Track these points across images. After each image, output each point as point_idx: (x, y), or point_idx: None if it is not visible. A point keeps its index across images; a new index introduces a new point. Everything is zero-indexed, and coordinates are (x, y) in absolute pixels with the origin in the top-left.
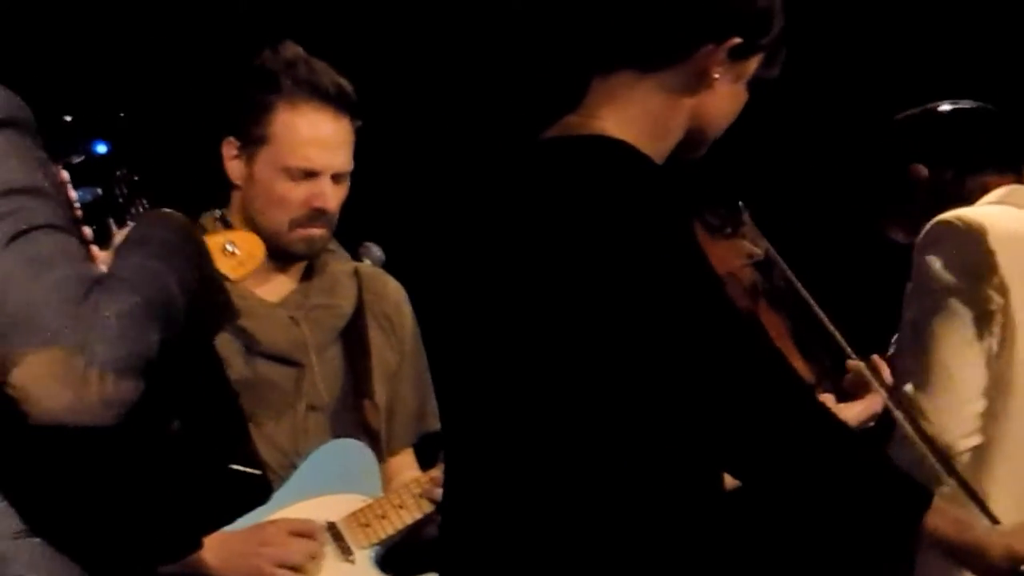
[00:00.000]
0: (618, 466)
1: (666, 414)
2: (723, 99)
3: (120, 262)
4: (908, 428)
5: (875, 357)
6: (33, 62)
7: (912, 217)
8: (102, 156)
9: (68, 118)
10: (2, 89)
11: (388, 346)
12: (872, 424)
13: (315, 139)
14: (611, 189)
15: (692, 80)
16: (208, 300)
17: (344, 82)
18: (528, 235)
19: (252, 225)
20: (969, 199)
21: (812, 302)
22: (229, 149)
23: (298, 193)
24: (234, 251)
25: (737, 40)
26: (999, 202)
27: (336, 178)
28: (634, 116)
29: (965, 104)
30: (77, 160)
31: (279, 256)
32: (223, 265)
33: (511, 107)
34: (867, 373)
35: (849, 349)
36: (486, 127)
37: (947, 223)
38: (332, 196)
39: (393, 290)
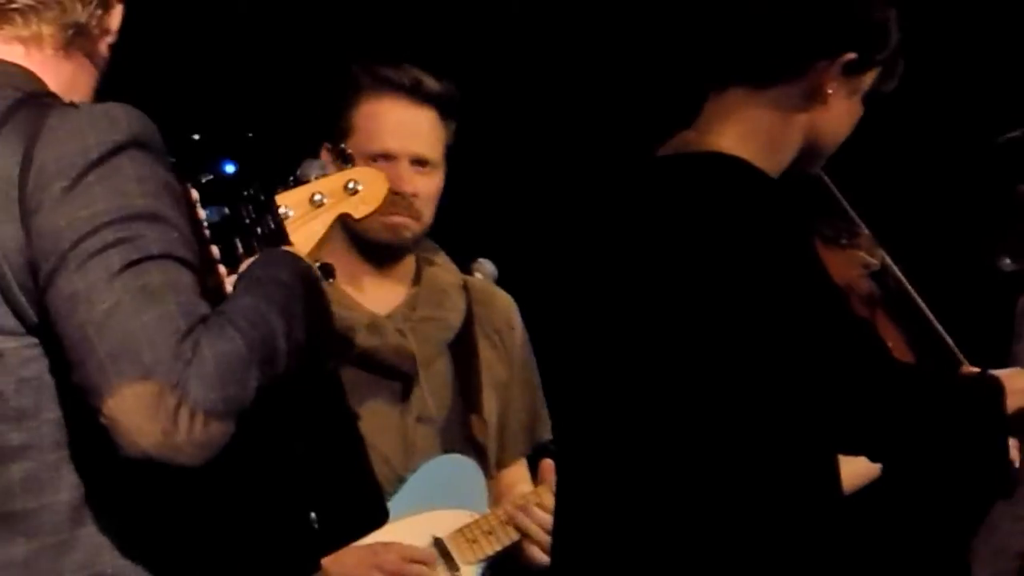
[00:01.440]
0: (736, 469)
1: (788, 419)
2: (838, 114)
3: (231, 301)
4: None
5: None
6: (162, 80)
7: (1021, 238)
8: (230, 176)
9: (196, 137)
10: (127, 108)
11: (497, 359)
12: None
13: (391, 124)
14: (729, 205)
15: (806, 96)
16: (318, 342)
17: (427, 77)
18: (650, 250)
19: (344, 227)
20: None
21: (927, 311)
22: (326, 156)
23: None
24: (357, 188)
25: (851, 56)
26: None
27: (417, 164)
28: (749, 132)
29: None
30: (205, 179)
31: (368, 249)
32: (347, 205)
33: (626, 123)
34: None
35: (961, 356)
36: (601, 143)
37: None
38: (411, 180)
39: (502, 303)
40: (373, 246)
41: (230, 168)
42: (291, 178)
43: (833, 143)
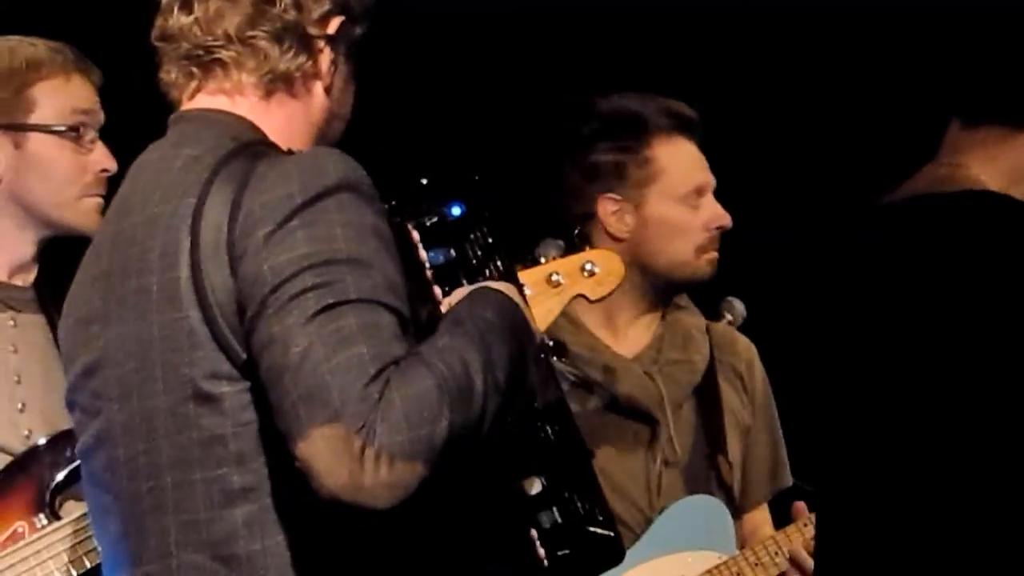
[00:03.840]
0: (1011, 531)
1: None
2: None
3: (431, 340)
4: None
5: None
6: (392, 124)
7: None
8: (456, 218)
9: (424, 180)
10: (336, 153)
11: (740, 403)
12: None
13: (696, 161)
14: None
15: None
16: (524, 382)
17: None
18: (934, 292)
19: (642, 272)
20: None
21: None
22: (608, 206)
23: (698, 217)
24: (594, 270)
25: None
26: None
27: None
28: (1004, 168)
29: None
30: (430, 222)
31: (670, 290)
32: (582, 286)
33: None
34: None
35: None
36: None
37: None
38: (725, 214)
39: (744, 347)
40: (680, 287)
41: (456, 210)
42: (529, 256)
43: None
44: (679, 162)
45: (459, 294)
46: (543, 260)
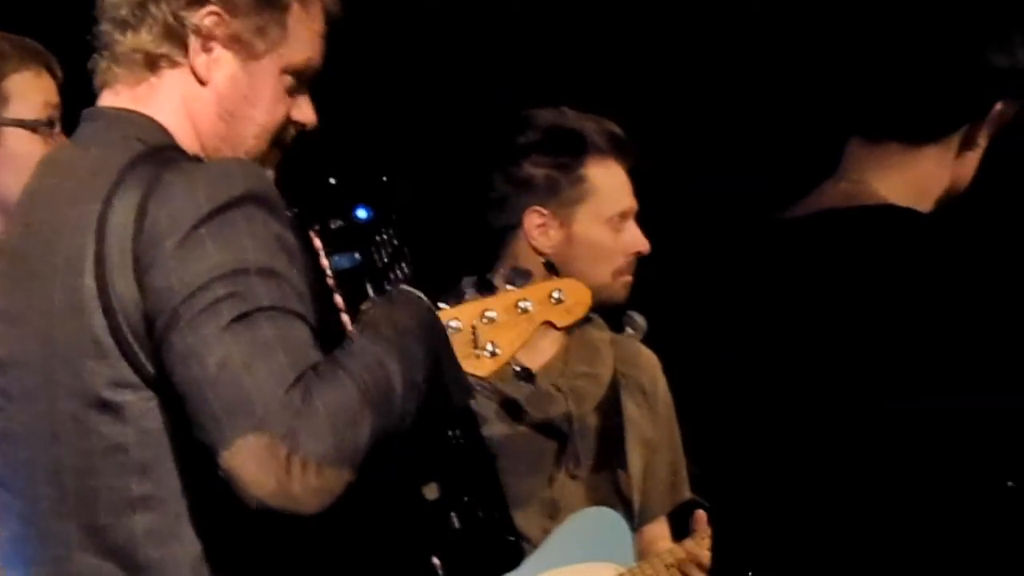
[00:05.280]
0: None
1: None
2: (978, 155)
3: (346, 345)
4: None
5: None
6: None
7: None
8: (363, 221)
9: (332, 180)
10: (244, 162)
11: (642, 417)
12: None
13: (625, 185)
14: (937, 261)
15: (959, 145)
16: (439, 384)
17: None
18: (842, 303)
19: None
20: None
21: None
22: (534, 219)
23: (620, 241)
24: (562, 298)
25: (1000, 105)
26: None
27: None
28: (905, 183)
29: None
30: (336, 225)
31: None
32: (550, 313)
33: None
34: None
35: None
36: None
37: None
38: (645, 239)
39: (647, 361)
40: (594, 308)
41: (363, 214)
42: (500, 284)
43: (966, 185)
44: (610, 184)
45: (373, 301)
46: (512, 288)
